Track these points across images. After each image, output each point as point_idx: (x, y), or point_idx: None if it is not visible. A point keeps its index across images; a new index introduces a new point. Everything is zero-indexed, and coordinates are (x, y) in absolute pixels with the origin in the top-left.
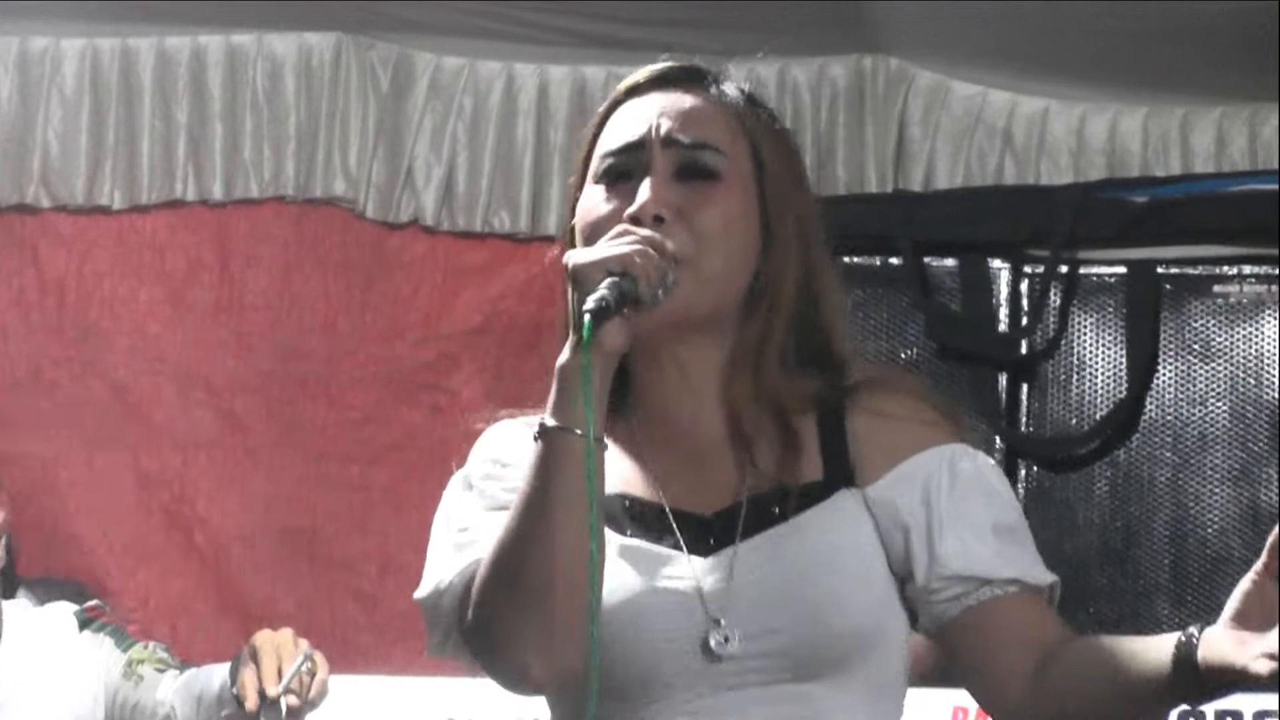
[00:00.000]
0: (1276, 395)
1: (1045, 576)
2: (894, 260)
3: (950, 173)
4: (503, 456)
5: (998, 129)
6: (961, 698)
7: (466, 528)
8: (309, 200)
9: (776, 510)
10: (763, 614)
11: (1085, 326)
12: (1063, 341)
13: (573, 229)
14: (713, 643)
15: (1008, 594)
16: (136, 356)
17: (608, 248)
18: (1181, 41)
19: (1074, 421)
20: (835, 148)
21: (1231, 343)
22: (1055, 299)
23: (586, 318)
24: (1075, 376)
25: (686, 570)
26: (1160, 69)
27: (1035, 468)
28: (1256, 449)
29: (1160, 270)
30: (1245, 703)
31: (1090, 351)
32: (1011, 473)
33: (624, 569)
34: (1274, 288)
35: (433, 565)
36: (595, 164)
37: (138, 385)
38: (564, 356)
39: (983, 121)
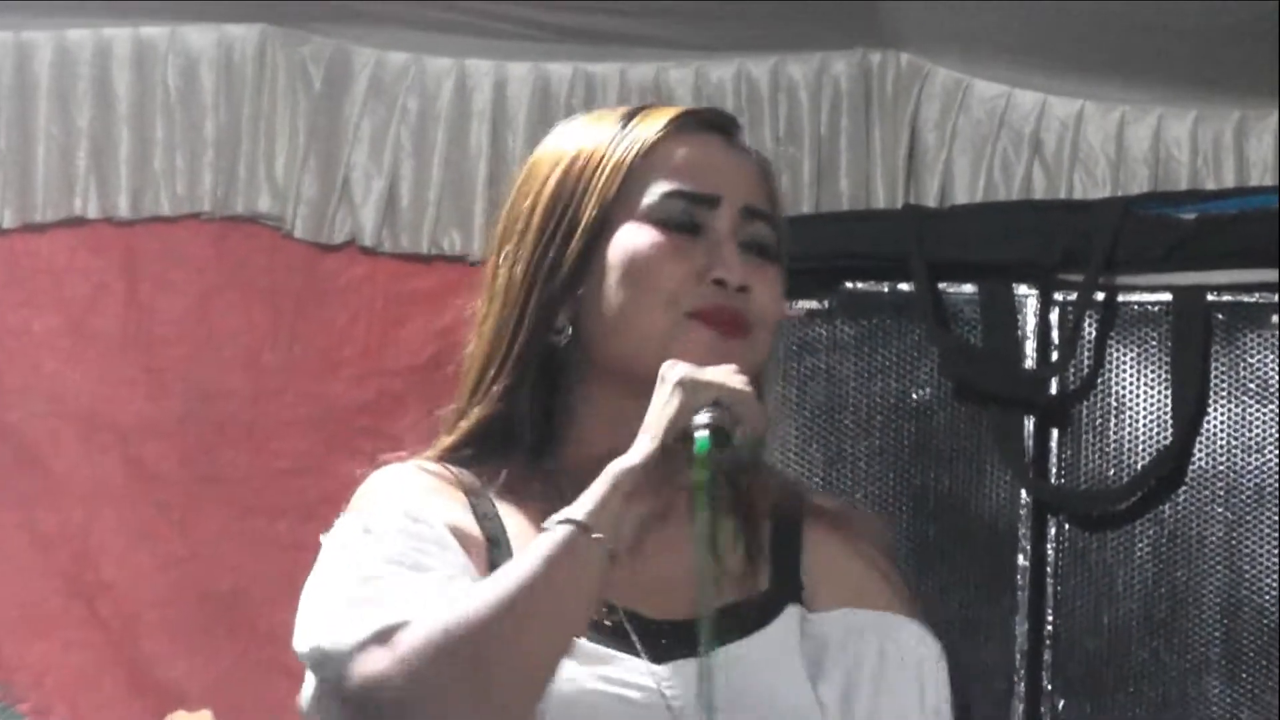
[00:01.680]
0: None
1: None
2: (904, 286)
3: (970, 185)
4: (411, 509)
5: (1025, 135)
6: None
7: (372, 578)
8: (230, 217)
9: (733, 624)
10: None
11: (1125, 362)
12: (1099, 380)
13: (572, 255)
14: None
15: None
16: (31, 397)
17: (722, 374)
18: (1235, 37)
19: (1112, 472)
20: (837, 157)
21: None
22: (1090, 331)
23: (704, 433)
24: (1113, 420)
25: (646, 677)
26: (1211, 67)
27: (1067, 525)
28: None
29: (1211, 298)
30: None
31: (1130, 391)
32: (1041, 531)
33: (570, 667)
34: None
35: (333, 613)
36: (652, 200)
37: (32, 430)
38: (629, 460)
39: (1007, 126)
